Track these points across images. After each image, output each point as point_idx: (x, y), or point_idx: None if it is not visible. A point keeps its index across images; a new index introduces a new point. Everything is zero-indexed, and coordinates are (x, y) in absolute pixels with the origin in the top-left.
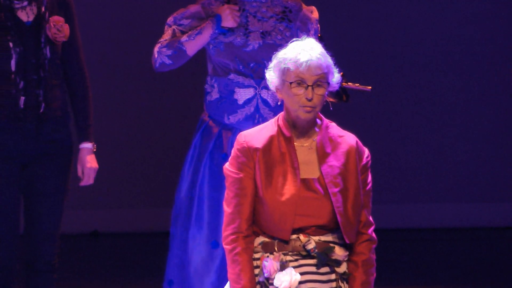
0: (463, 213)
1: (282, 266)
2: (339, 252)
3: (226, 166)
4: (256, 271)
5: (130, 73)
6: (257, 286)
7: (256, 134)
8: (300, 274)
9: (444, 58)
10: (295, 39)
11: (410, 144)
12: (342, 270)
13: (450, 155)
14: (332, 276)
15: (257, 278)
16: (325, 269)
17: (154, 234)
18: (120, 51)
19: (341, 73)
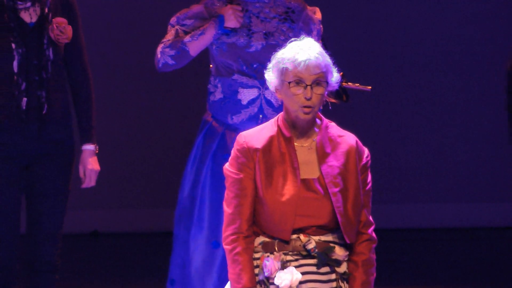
0: (463, 213)
1: (283, 266)
2: (339, 252)
3: (226, 166)
4: (256, 271)
5: (129, 73)
6: (257, 286)
7: (256, 135)
8: (299, 273)
9: (444, 58)
10: (294, 39)
11: (410, 144)
12: (342, 270)
13: (450, 155)
14: (332, 276)
15: (257, 277)
16: (325, 269)
17: (154, 234)
18: (120, 51)
19: (341, 73)
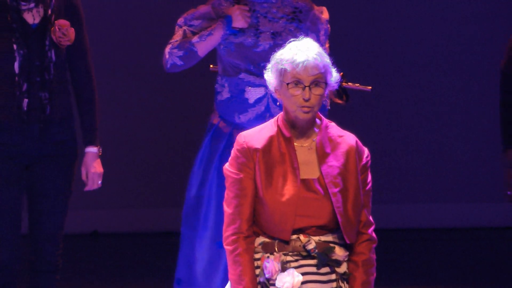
0: (463, 213)
1: (283, 267)
2: (339, 252)
3: (226, 166)
4: (256, 272)
5: (130, 72)
6: (258, 287)
7: (256, 135)
8: (300, 275)
9: (444, 58)
10: (293, 39)
11: (410, 144)
12: (342, 270)
13: (450, 155)
14: (332, 276)
15: (258, 278)
16: (325, 269)
17: (154, 234)
18: (120, 51)
19: (341, 73)
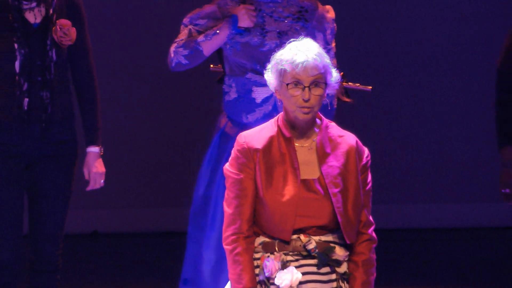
0: (463, 213)
1: (283, 266)
2: (340, 252)
3: (226, 166)
4: (256, 271)
5: (130, 72)
6: (257, 286)
7: (256, 135)
8: (300, 272)
9: (444, 58)
10: (293, 40)
11: (410, 144)
12: (342, 270)
13: (450, 155)
14: (332, 276)
15: (257, 277)
16: (325, 269)
17: (154, 234)
18: (121, 51)
19: (341, 73)
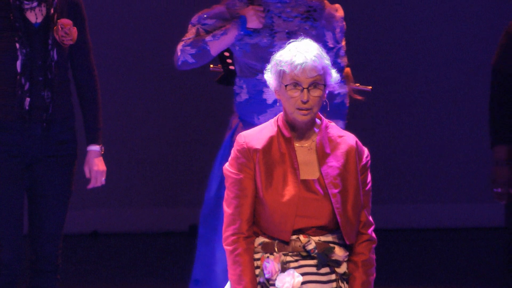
0: (463, 213)
1: (283, 267)
2: (339, 252)
3: (226, 166)
4: (256, 272)
5: (131, 72)
6: (258, 287)
7: (256, 135)
8: (300, 275)
9: (444, 58)
10: (293, 40)
11: (410, 144)
12: (342, 270)
13: (450, 155)
14: (332, 276)
15: (257, 278)
16: (325, 269)
17: (154, 234)
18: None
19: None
